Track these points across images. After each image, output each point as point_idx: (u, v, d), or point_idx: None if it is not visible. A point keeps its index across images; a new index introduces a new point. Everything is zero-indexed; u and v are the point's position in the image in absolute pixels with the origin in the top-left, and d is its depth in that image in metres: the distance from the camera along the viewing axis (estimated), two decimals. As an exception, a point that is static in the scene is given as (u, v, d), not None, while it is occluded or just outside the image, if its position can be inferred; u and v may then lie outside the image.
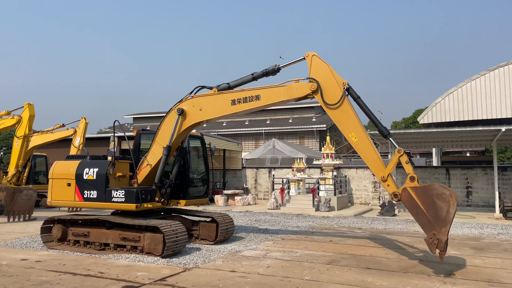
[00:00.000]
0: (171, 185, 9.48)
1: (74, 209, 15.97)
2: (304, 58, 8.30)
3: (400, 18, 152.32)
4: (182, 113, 9.02)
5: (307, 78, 8.23)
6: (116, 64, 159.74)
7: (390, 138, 7.84)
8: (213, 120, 9.27)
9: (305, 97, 8.30)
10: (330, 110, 8.00)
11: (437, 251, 6.72)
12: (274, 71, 8.78)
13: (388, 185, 7.52)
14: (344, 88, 7.91)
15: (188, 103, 9.12)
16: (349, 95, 7.99)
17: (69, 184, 9.26)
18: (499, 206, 16.89)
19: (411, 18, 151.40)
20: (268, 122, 42.87)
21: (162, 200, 9.44)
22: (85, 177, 9.11)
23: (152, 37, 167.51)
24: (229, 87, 8.98)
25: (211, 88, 9.11)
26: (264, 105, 8.58)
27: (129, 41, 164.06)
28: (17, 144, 15.14)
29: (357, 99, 7.98)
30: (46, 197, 9.88)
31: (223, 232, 9.75)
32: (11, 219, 14.24)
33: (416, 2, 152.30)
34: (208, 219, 10.02)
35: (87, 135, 18.13)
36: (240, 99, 8.64)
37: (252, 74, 8.94)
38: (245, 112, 9.03)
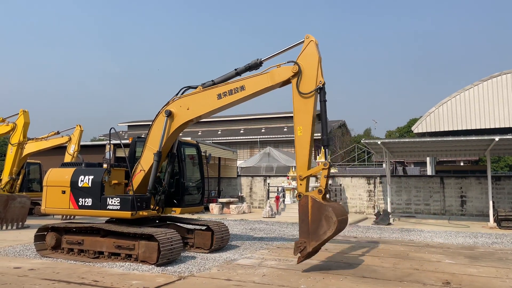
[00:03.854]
0: (164, 192, 9.47)
1: (68, 217, 15.87)
2: (303, 41, 8.25)
3: (395, 28, 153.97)
4: (170, 114, 9.10)
5: (288, 62, 8.27)
6: (111, 71, 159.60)
7: (326, 150, 8.17)
8: (202, 117, 9.30)
9: (288, 82, 8.31)
10: (297, 97, 8.09)
11: (299, 255, 7.46)
12: (256, 65, 8.87)
13: (301, 184, 7.87)
14: (318, 85, 7.99)
15: (175, 104, 9.20)
16: (319, 95, 8.07)
17: (63, 192, 9.21)
18: (493, 215, 16.97)
19: (406, 28, 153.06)
20: (263, 130, 42.94)
21: (157, 208, 9.42)
22: (80, 185, 9.07)
23: (148, 43, 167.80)
24: (214, 84, 9.06)
25: (196, 87, 9.21)
26: (250, 94, 8.63)
27: (124, 47, 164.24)
28: (11, 151, 15.07)
29: (322, 101, 8.09)
30: (40, 204, 9.81)
31: (218, 240, 9.72)
32: (4, 227, 14.11)
33: (412, 13, 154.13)
34: (203, 228, 9.99)
35: (81, 143, 18.07)
36: (226, 92, 8.75)
37: (235, 70, 9.04)
38: (233, 105, 8.99)
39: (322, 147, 8.19)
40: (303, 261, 7.67)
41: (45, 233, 9.43)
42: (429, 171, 28.46)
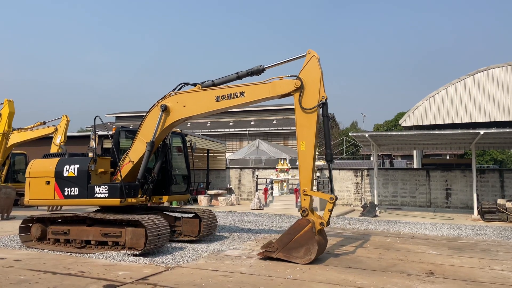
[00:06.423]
0: (153, 181, 9.44)
1: (54, 207, 15.71)
2: (305, 55, 8.28)
3: (385, 23, 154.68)
4: (165, 109, 9.00)
5: (291, 76, 8.28)
6: (98, 62, 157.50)
7: (330, 165, 8.36)
8: (196, 116, 9.26)
9: (288, 95, 8.36)
10: (300, 112, 8.15)
11: (264, 251, 7.96)
12: (258, 71, 8.82)
13: (304, 199, 8.01)
14: (321, 100, 8.04)
15: (172, 99, 9.10)
16: (321, 109, 8.13)
17: (48, 182, 9.08)
18: (477, 207, 17.27)
19: (396, 23, 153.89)
20: (252, 123, 42.92)
21: (145, 196, 9.40)
22: (65, 174, 8.96)
23: (136, 35, 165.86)
24: (214, 84, 8.99)
25: (195, 85, 9.11)
26: (249, 101, 8.62)
27: (112, 39, 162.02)
28: (-5, 141, 14.83)
29: (325, 116, 8.16)
30: (25, 196, 9.66)
31: (206, 227, 9.73)
32: (-12, 218, 13.91)
33: (402, 8, 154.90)
34: (191, 215, 10.01)
35: (68, 134, 17.85)
36: (225, 95, 8.66)
37: (237, 73, 8.97)
38: (229, 109, 9.00)
39: (327, 162, 8.38)
40: (262, 256, 8.06)
41: (30, 224, 9.30)
42: (416, 164, 28.78)
